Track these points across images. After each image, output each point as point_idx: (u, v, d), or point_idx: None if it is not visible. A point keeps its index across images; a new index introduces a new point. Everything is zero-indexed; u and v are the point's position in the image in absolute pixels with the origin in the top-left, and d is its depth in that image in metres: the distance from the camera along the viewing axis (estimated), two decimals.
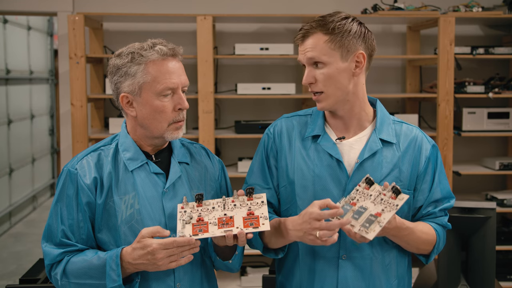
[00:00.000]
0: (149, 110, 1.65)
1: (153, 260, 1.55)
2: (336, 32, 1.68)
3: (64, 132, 4.18)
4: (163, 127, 1.67)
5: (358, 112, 1.77)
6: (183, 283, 1.69)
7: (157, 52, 1.64)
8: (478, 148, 4.40)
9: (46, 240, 1.67)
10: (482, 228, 2.52)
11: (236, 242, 1.61)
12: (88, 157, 1.70)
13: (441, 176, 1.80)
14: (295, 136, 1.82)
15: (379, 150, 1.74)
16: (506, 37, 4.31)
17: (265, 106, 4.32)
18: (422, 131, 1.84)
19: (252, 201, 1.66)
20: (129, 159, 1.69)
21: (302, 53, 1.73)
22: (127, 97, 1.68)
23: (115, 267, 1.57)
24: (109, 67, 1.72)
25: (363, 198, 1.63)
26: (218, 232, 1.59)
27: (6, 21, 6.39)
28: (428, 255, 1.81)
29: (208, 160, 1.85)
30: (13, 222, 6.56)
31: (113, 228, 1.66)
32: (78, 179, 1.65)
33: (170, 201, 1.70)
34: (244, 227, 1.59)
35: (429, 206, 1.79)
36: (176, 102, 1.67)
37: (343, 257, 1.73)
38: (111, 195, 1.66)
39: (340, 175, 1.73)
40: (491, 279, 2.51)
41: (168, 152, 1.77)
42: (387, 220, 1.56)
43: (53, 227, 1.66)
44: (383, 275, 1.75)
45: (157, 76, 1.64)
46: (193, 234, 1.58)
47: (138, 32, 4.23)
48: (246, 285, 3.96)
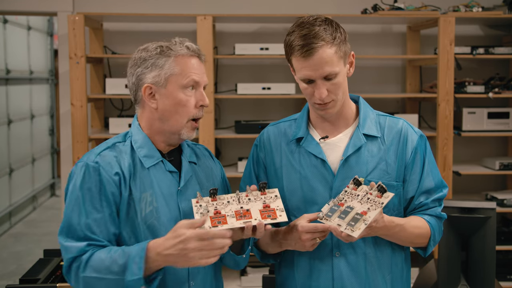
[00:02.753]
0: (172, 102, 1.67)
1: (184, 251, 1.48)
2: (338, 41, 1.68)
3: (64, 132, 4.18)
4: (183, 122, 1.68)
5: (345, 110, 1.79)
6: (196, 282, 1.70)
7: (186, 47, 1.69)
8: (478, 148, 4.40)
9: (66, 236, 1.60)
10: (482, 228, 2.52)
11: (253, 235, 1.61)
12: (107, 151, 1.67)
13: (431, 166, 1.80)
14: (281, 141, 1.84)
15: (363, 145, 1.76)
16: (506, 37, 4.31)
17: (265, 106, 4.32)
18: (408, 122, 1.84)
19: (266, 195, 1.67)
20: (145, 156, 1.68)
21: (312, 69, 1.67)
22: (150, 88, 1.67)
23: (138, 260, 1.51)
24: (133, 60, 1.71)
25: (351, 199, 1.66)
26: (237, 223, 1.58)
27: (6, 21, 6.40)
28: (425, 247, 1.81)
29: (211, 161, 1.87)
30: (13, 222, 6.56)
31: (134, 225, 1.64)
32: (101, 171, 1.62)
33: (184, 200, 1.70)
34: (262, 218, 1.60)
35: (421, 197, 1.79)
36: (198, 98, 1.70)
37: (336, 254, 1.74)
38: (131, 191, 1.64)
39: (326, 174, 1.75)
40: (491, 279, 2.51)
41: (178, 152, 1.77)
42: (372, 217, 1.57)
43: (75, 222, 1.59)
44: (378, 271, 1.76)
45: (184, 69, 1.67)
46: (212, 226, 1.56)
47: (138, 32, 4.23)
48: (246, 285, 3.96)
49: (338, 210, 1.64)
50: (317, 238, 1.67)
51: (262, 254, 1.87)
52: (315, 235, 1.66)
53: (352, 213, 1.61)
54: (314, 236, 1.66)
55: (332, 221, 1.63)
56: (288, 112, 4.19)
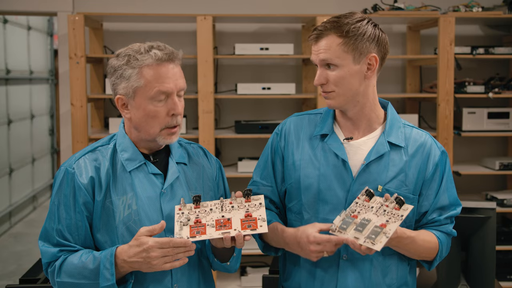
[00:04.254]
0: (142, 114, 1.65)
1: (147, 259, 1.54)
2: (350, 35, 1.67)
3: (64, 132, 4.18)
4: (155, 131, 1.66)
5: (368, 113, 1.77)
6: (180, 285, 1.69)
7: (151, 56, 1.62)
8: (478, 148, 4.40)
9: (43, 240, 1.67)
10: (482, 228, 2.51)
11: (234, 244, 1.60)
12: (86, 156, 1.69)
13: (448, 183, 1.79)
14: (303, 134, 1.82)
15: (386, 153, 1.74)
16: (506, 37, 4.31)
17: (265, 106, 4.32)
18: (432, 137, 1.83)
19: (250, 202, 1.65)
20: (127, 160, 1.69)
21: (315, 54, 1.72)
22: (122, 99, 1.67)
23: (109, 266, 1.56)
24: (108, 67, 1.72)
25: (364, 211, 1.63)
26: (215, 234, 1.58)
27: (6, 21, 6.39)
28: (431, 261, 1.80)
29: (205, 159, 1.85)
30: (13, 222, 6.56)
31: (111, 228, 1.65)
32: (75, 178, 1.65)
33: (168, 202, 1.69)
34: (242, 229, 1.58)
35: (434, 213, 1.78)
36: (170, 107, 1.65)
37: (343, 257, 1.73)
38: (109, 195, 1.66)
39: (345, 176, 1.73)
40: (491, 279, 2.51)
41: (166, 153, 1.76)
42: (393, 230, 1.56)
43: (50, 227, 1.65)
44: (383, 278, 1.75)
45: (150, 81, 1.62)
46: (191, 236, 1.57)
47: (138, 32, 4.23)
48: (246, 285, 3.96)
49: (353, 223, 1.61)
50: (325, 252, 1.64)
51: (264, 245, 1.85)
52: (325, 247, 1.63)
53: (369, 225, 1.58)
54: (324, 249, 1.63)
55: (348, 233, 1.60)
56: (288, 112, 4.19)
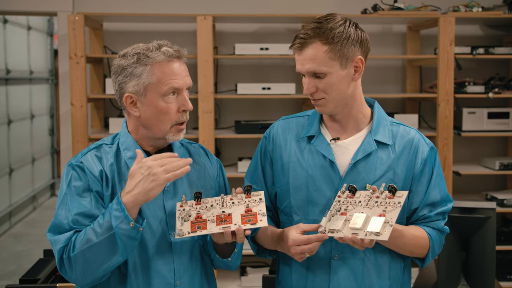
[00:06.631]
0: (153, 111, 1.67)
1: (148, 170, 1.54)
2: (336, 41, 1.65)
3: (64, 132, 4.18)
4: (166, 128, 1.68)
5: (356, 114, 1.77)
6: (183, 281, 1.70)
7: (163, 53, 1.66)
8: (478, 148, 4.40)
9: (53, 233, 1.64)
10: (482, 228, 2.51)
11: (234, 239, 1.62)
12: (92, 152, 1.72)
13: (438, 179, 1.78)
14: (290, 137, 1.82)
15: (373, 152, 1.74)
16: (506, 37, 4.31)
17: (265, 106, 4.32)
18: (420, 133, 1.82)
19: (250, 198, 1.67)
20: (130, 158, 1.70)
21: (300, 64, 1.69)
22: (131, 97, 1.68)
23: (116, 206, 1.55)
24: (113, 67, 1.71)
25: (352, 206, 1.63)
26: (216, 229, 1.60)
27: (6, 21, 6.40)
28: (423, 259, 1.79)
29: (206, 159, 1.87)
30: (13, 222, 6.56)
31: None
32: (86, 170, 1.66)
33: (170, 200, 1.71)
34: (242, 223, 1.60)
35: (425, 209, 1.77)
36: (180, 104, 1.68)
37: (335, 257, 1.73)
38: (115, 191, 1.67)
39: (333, 176, 1.74)
40: (491, 279, 2.51)
41: (168, 151, 1.77)
42: (395, 218, 1.55)
43: (62, 218, 1.63)
44: (375, 277, 1.74)
45: (162, 77, 1.65)
46: (192, 230, 1.60)
47: (138, 32, 4.23)
48: (246, 285, 3.96)
49: (345, 220, 1.60)
50: (306, 253, 1.65)
51: (258, 249, 1.87)
52: (304, 248, 1.64)
53: (366, 218, 1.58)
54: (304, 250, 1.64)
55: (343, 231, 1.58)
56: (288, 112, 4.19)
